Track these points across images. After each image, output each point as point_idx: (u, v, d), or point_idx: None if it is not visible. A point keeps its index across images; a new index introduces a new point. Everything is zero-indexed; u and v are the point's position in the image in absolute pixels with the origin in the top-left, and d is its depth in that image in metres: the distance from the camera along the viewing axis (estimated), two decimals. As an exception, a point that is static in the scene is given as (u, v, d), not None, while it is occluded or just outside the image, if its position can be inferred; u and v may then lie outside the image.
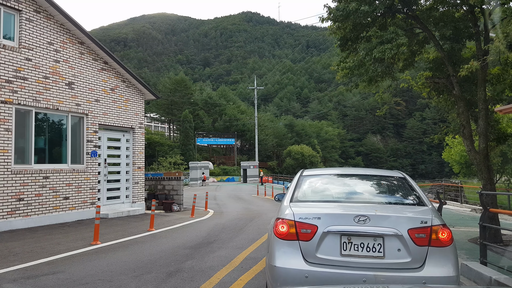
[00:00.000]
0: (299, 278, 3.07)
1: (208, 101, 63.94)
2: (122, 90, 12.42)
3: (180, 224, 10.50)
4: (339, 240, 3.13)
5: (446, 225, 3.26)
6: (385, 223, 3.13)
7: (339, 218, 3.24)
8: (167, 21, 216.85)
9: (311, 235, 3.16)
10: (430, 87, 10.93)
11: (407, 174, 4.24)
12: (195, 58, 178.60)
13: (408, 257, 3.06)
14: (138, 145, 12.92)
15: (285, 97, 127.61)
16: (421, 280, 2.98)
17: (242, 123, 62.25)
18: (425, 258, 3.07)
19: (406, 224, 3.14)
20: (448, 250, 3.13)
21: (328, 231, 3.14)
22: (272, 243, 3.35)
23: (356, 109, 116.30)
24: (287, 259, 3.16)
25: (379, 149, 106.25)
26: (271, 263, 3.24)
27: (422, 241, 3.09)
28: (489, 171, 8.32)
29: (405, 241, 3.07)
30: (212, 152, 63.35)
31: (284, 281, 3.11)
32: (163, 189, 15.31)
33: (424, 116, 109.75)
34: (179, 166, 37.65)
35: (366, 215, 3.15)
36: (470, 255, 6.77)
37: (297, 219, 3.24)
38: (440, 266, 3.05)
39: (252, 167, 46.41)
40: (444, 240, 3.13)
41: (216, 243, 7.73)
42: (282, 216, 3.36)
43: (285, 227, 3.24)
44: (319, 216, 3.22)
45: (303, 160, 60.56)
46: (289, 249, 3.19)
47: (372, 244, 3.11)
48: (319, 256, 3.12)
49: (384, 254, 3.08)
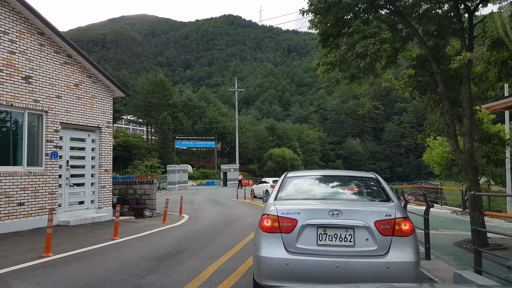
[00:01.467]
0: (281, 265, 3.48)
1: (188, 103, 62.71)
2: (88, 86, 11.52)
3: (149, 231, 9.69)
4: (316, 232, 3.55)
5: (407, 218, 3.66)
6: (355, 216, 3.56)
7: (316, 212, 3.67)
8: (147, 23, 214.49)
9: (291, 227, 3.58)
10: (413, 86, 10.54)
11: (380, 176, 4.73)
12: (176, 60, 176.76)
13: (375, 245, 3.47)
14: (105, 146, 12.02)
15: (266, 100, 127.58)
16: (385, 265, 3.38)
17: (222, 126, 61.32)
18: (389, 246, 3.47)
19: (373, 217, 3.55)
20: (409, 239, 3.53)
21: (306, 224, 3.56)
22: (258, 236, 3.77)
23: (336, 113, 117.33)
24: (271, 249, 3.57)
25: (358, 152, 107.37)
26: (257, 254, 3.65)
27: (386, 231, 3.49)
28: (475, 172, 7.91)
29: (372, 232, 3.49)
30: (191, 155, 62.16)
31: (268, 269, 3.55)
32: (134, 194, 14.41)
33: (402, 119, 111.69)
34: (156, 169, 36.39)
35: (339, 209, 3.58)
36: (459, 262, 6.28)
37: (279, 214, 3.67)
38: (402, 252, 3.45)
39: (232, 170, 45.61)
40: (406, 231, 3.53)
41: (186, 252, 6.99)
42: (267, 212, 3.79)
43: (269, 222, 3.66)
44: (298, 211, 3.65)
45: (284, 163, 60.16)
46: (272, 241, 3.61)
47: (344, 234, 3.52)
48: (298, 246, 3.54)
49: (354, 243, 3.50)
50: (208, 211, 15.63)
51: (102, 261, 6.32)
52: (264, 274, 3.59)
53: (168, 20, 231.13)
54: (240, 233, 9.25)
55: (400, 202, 5.92)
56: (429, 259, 6.23)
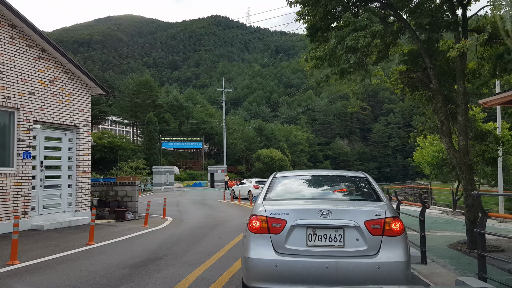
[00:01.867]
0: (270, 267, 3.40)
1: (175, 104, 61.77)
2: (64, 83, 10.89)
3: (129, 235, 9.12)
4: (305, 232, 3.48)
5: (398, 217, 3.58)
6: (345, 216, 3.49)
7: (305, 212, 3.58)
8: (134, 23, 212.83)
9: (280, 228, 3.50)
10: (404, 82, 10.22)
11: (369, 175, 4.61)
12: (163, 61, 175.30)
13: (365, 245, 3.40)
14: (83, 145, 11.39)
15: (254, 101, 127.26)
16: (376, 265, 3.31)
17: (210, 126, 60.58)
18: (380, 246, 3.41)
19: (363, 216, 3.49)
20: (399, 239, 3.47)
21: (295, 224, 3.49)
22: (247, 237, 3.69)
23: (324, 114, 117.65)
24: (260, 250, 3.49)
25: (346, 153, 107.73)
26: (245, 255, 3.58)
27: (376, 231, 3.43)
28: (470, 170, 7.59)
29: (362, 232, 3.42)
30: (178, 156, 61.30)
31: (257, 270, 3.47)
32: (115, 196, 13.77)
33: (389, 120, 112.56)
34: (141, 171, 35.64)
35: (329, 209, 3.51)
36: (457, 266, 5.92)
37: (268, 214, 3.58)
38: (393, 252, 3.39)
39: (220, 171, 45.01)
40: (396, 230, 3.46)
41: (165, 258, 6.47)
42: (256, 213, 3.70)
43: (258, 222, 3.58)
44: (287, 211, 3.57)
45: (273, 164, 59.77)
46: (261, 242, 3.53)
47: (334, 234, 3.45)
48: (287, 247, 3.46)
49: (344, 243, 3.43)
50: (193, 213, 15.09)
51: (72, 269, 5.76)
52: (253, 275, 3.54)
53: (155, 21, 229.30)
54: (226, 237, 8.76)
55: (392, 203, 5.91)
56: (425, 263, 5.85)
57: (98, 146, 53.28)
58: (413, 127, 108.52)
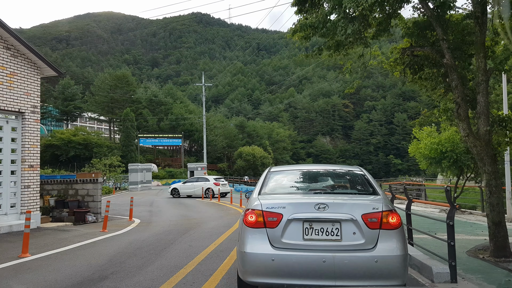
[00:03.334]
0: (266, 261, 3.36)
1: (153, 100, 59.34)
2: (5, 60, 9.07)
3: (79, 243, 7.45)
4: (302, 226, 3.43)
5: (395, 211, 3.54)
6: (341, 209, 3.46)
7: (302, 206, 3.54)
8: (114, 20, 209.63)
9: (276, 222, 3.46)
10: (406, 63, 8.88)
11: (365, 169, 4.49)
12: (143, 58, 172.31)
13: (362, 239, 3.37)
14: (30, 136, 9.59)
15: (236, 98, 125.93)
16: (373, 259, 3.28)
17: (190, 123, 58.46)
18: (377, 240, 3.37)
19: (360, 210, 3.45)
20: (397, 232, 3.44)
21: (292, 218, 3.45)
22: (242, 232, 3.60)
23: (306, 111, 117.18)
24: (256, 245, 3.43)
25: (328, 150, 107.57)
26: (241, 250, 3.53)
27: (374, 224, 3.39)
28: (494, 162, 6.28)
29: (359, 225, 3.39)
30: (157, 154, 59.06)
31: (253, 265, 3.42)
32: (75, 195, 12.00)
33: (371, 117, 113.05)
34: (116, 168, 33.53)
35: (325, 203, 3.47)
36: (496, 284, 4.52)
37: (264, 208, 3.53)
38: (390, 246, 3.35)
39: (200, 169, 43.19)
40: (393, 224, 3.43)
41: (112, 278, 4.88)
42: (251, 207, 3.62)
43: (254, 217, 3.52)
44: (283, 205, 3.53)
45: (255, 162, 58.33)
46: (257, 236, 3.46)
47: (331, 228, 3.41)
48: (284, 241, 3.41)
49: (341, 237, 3.39)
50: (166, 214, 13.44)
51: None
52: (249, 270, 3.46)
53: (135, 18, 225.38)
54: (198, 244, 7.21)
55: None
56: (456, 281, 4.45)
57: (73, 143, 50.67)
58: (395, 124, 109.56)
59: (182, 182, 24.58)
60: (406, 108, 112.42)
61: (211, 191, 22.46)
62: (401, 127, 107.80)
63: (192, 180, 24.52)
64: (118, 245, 7.22)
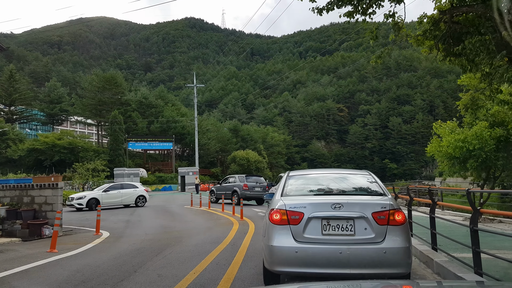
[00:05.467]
0: (290, 253, 3.88)
1: (144, 102, 57.09)
2: None
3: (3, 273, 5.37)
4: (320, 223, 3.94)
5: (400, 209, 4.01)
6: (355, 208, 3.95)
7: (320, 206, 4.02)
8: (106, 25, 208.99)
9: (299, 220, 3.95)
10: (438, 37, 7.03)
11: (372, 173, 5.00)
12: (136, 63, 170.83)
13: (372, 234, 3.86)
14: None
15: (230, 103, 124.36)
16: (382, 250, 3.79)
17: (181, 126, 56.25)
18: (385, 234, 3.87)
19: (370, 208, 3.95)
20: (402, 228, 3.95)
21: (312, 217, 3.95)
22: (268, 229, 4.10)
23: (301, 115, 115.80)
24: (281, 239, 3.94)
25: (323, 155, 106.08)
26: (268, 244, 4.02)
27: (382, 221, 3.89)
28: None
29: (370, 222, 3.89)
30: (147, 158, 56.75)
31: (279, 256, 3.93)
32: (31, 203, 9.92)
33: (366, 122, 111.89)
34: (100, 173, 31.32)
35: (340, 203, 3.96)
36: None
37: (287, 208, 4.02)
38: (396, 239, 3.86)
39: (191, 173, 41.07)
40: (399, 221, 3.93)
41: None
42: (276, 207, 4.10)
43: (278, 215, 4.02)
44: (304, 205, 4.02)
45: (249, 166, 56.32)
46: (282, 232, 3.97)
47: (345, 225, 3.91)
48: (305, 236, 3.92)
49: (354, 232, 3.89)
50: (144, 225, 11.37)
51: None
52: (276, 261, 3.94)
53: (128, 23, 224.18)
54: (171, 272, 5.19)
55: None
56: None
57: (57, 147, 48.32)
58: (390, 128, 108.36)
59: (103, 190, 18.69)
60: (401, 112, 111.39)
61: (143, 199, 19.42)
62: (396, 131, 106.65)
63: (116, 187, 19.54)
64: (55, 277, 5.15)
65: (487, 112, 11.39)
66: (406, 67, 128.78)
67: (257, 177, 20.24)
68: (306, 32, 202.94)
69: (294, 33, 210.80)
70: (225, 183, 20.23)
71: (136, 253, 6.68)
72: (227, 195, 19.23)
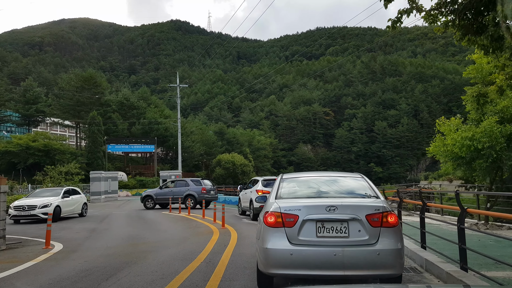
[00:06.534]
0: (285, 255, 3.89)
1: (125, 103, 55.00)
2: None
3: None
4: (315, 225, 3.96)
5: (393, 212, 4.07)
6: (349, 211, 3.98)
7: (315, 208, 4.04)
8: (90, 26, 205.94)
9: (293, 222, 3.97)
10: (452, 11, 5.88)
11: (365, 176, 5.11)
12: (120, 65, 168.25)
13: (366, 236, 3.92)
14: None
15: (216, 106, 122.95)
16: (376, 252, 3.85)
17: (164, 128, 54.36)
18: (379, 236, 3.93)
19: (364, 211, 3.99)
20: (395, 230, 4.03)
21: (307, 219, 3.97)
22: (263, 231, 4.12)
23: (287, 119, 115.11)
24: (276, 242, 3.94)
25: (310, 158, 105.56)
26: (263, 246, 4.03)
27: (376, 223, 3.95)
28: None
29: (364, 224, 3.94)
30: (128, 161, 54.63)
31: (274, 259, 3.94)
32: (-31, 210, 8.24)
33: (352, 125, 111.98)
34: (73, 176, 29.37)
35: (335, 205, 4.00)
36: None
37: (282, 211, 4.04)
38: (390, 241, 3.92)
39: (173, 177, 39.32)
40: (392, 223, 4.00)
41: None
42: (270, 209, 4.12)
43: (273, 218, 4.03)
44: (299, 208, 4.04)
45: (235, 170, 54.82)
46: (277, 234, 3.97)
47: (340, 227, 3.95)
48: (300, 238, 3.94)
49: (348, 234, 3.93)
50: (109, 236, 9.82)
51: None
52: (270, 263, 3.94)
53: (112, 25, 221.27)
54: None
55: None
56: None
57: (32, 150, 45.85)
58: (375, 132, 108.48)
59: (61, 196, 15.02)
60: (386, 116, 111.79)
61: (86, 208, 16.74)
62: (382, 135, 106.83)
63: (69, 192, 15.95)
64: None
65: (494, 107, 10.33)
66: (391, 72, 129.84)
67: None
68: (292, 36, 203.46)
69: (281, 37, 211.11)
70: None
71: (82, 276, 5.18)
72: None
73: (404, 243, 6.15)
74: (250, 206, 13.12)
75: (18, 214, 13.84)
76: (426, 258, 5.38)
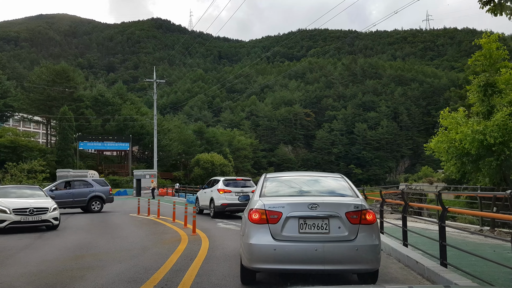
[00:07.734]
0: (269, 251, 4.07)
1: (99, 99, 52.41)
2: None
3: None
4: (298, 222, 4.15)
5: (371, 210, 4.31)
6: (329, 208, 4.19)
7: (297, 206, 4.23)
8: (68, 22, 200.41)
9: (277, 219, 4.15)
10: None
11: (345, 176, 5.35)
12: (98, 62, 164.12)
13: (346, 232, 4.12)
14: None
15: (196, 105, 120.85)
16: (354, 247, 4.06)
17: (140, 125, 52.09)
18: (357, 232, 4.13)
19: (344, 209, 4.20)
20: (373, 227, 4.24)
21: (290, 216, 4.15)
22: (247, 227, 4.30)
23: (268, 119, 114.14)
24: (260, 237, 4.12)
25: (290, 159, 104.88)
26: (247, 242, 4.20)
27: (355, 220, 4.16)
28: None
29: (343, 221, 4.14)
30: (102, 159, 52.11)
31: (258, 254, 4.12)
32: None
33: (332, 127, 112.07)
34: (37, 174, 27.09)
35: (317, 203, 4.20)
36: None
37: (266, 208, 4.23)
38: (367, 237, 4.14)
39: (148, 176, 37.36)
40: (370, 220, 4.21)
41: None
42: (255, 207, 4.31)
43: (257, 215, 4.21)
44: (283, 205, 4.23)
45: (214, 170, 53.12)
46: (261, 230, 4.16)
47: (321, 224, 4.14)
48: (283, 234, 4.12)
49: (329, 230, 4.13)
50: (55, 244, 8.16)
51: None
52: (254, 258, 4.12)
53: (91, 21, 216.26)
54: None
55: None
56: None
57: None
58: (355, 134, 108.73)
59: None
60: (366, 118, 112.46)
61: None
62: (362, 137, 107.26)
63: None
64: None
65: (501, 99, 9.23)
66: (372, 74, 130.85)
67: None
68: (274, 37, 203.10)
69: (262, 38, 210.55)
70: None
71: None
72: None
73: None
74: (210, 204, 13.45)
75: (23, 220, 9.98)
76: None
